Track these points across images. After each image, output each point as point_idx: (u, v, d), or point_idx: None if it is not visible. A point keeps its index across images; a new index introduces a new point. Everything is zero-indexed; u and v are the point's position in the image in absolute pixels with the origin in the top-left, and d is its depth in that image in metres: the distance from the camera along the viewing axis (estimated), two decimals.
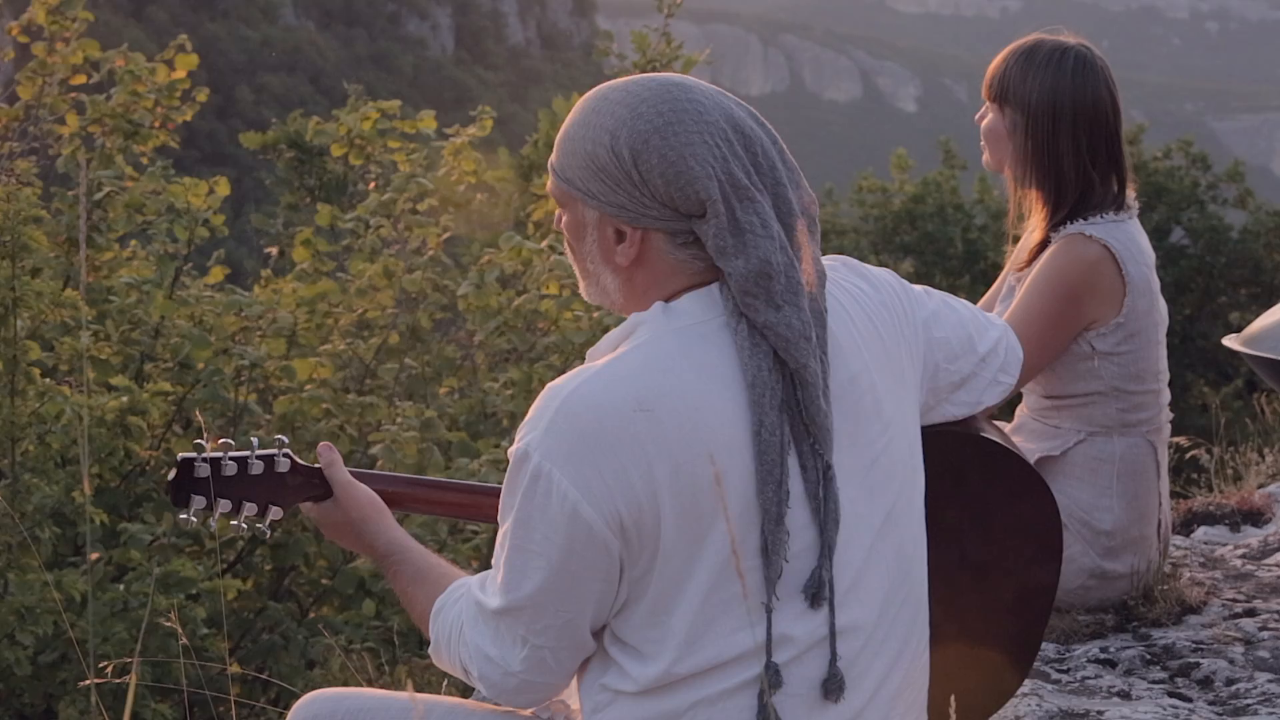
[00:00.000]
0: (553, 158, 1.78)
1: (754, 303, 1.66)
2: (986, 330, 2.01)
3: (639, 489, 1.64)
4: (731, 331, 1.68)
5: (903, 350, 1.83)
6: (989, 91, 3.12)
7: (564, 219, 1.79)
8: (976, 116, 3.18)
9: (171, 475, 2.06)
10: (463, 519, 2.25)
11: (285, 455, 2.08)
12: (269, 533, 2.12)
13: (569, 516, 1.65)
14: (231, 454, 2.06)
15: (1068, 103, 3.02)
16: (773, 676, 1.67)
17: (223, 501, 2.06)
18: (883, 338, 1.80)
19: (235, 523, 2.09)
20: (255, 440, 2.10)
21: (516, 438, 1.71)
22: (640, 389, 1.65)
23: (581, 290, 1.83)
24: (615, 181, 1.69)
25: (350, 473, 2.07)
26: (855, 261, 1.88)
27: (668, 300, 1.71)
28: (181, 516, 2.07)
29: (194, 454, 2.05)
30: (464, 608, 1.81)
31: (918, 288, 1.95)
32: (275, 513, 2.08)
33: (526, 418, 1.71)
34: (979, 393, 1.99)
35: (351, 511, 2.03)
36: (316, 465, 2.08)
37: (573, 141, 1.73)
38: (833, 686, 1.71)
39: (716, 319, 1.69)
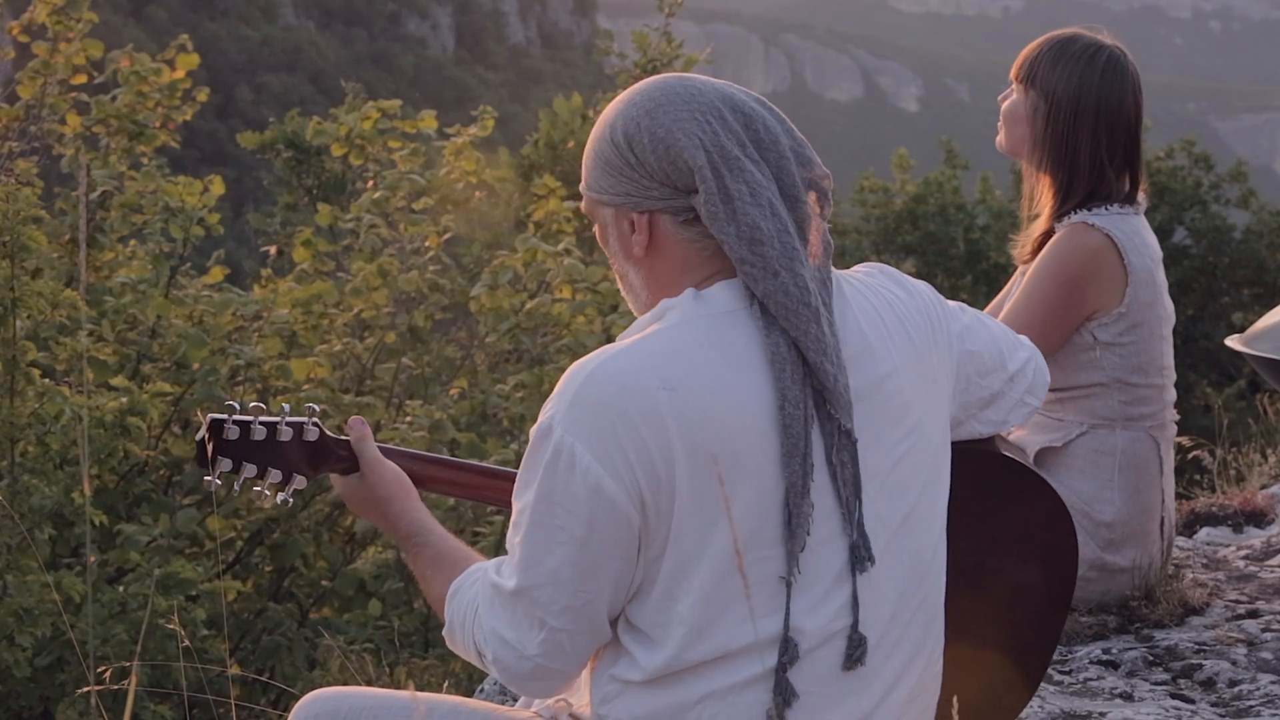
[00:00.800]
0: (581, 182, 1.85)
1: (751, 270, 1.68)
2: (1017, 350, 2.03)
3: (659, 464, 1.64)
4: (749, 313, 1.70)
5: (935, 358, 1.84)
6: (1018, 72, 3.14)
7: (597, 232, 1.84)
8: (1000, 97, 3.20)
9: (200, 435, 2.04)
10: (484, 502, 2.23)
11: (314, 424, 2.06)
12: (290, 500, 2.09)
13: (592, 490, 1.65)
14: (261, 419, 2.04)
15: (1092, 99, 3.04)
16: (792, 651, 1.67)
17: (248, 465, 2.03)
18: (915, 344, 1.81)
19: (258, 488, 2.07)
20: (286, 407, 2.09)
21: (540, 414, 1.71)
22: (665, 368, 1.66)
23: (630, 307, 1.85)
24: (618, 170, 1.74)
25: (379, 447, 2.07)
26: (893, 270, 1.90)
27: (700, 288, 1.74)
28: (206, 478, 2.05)
29: (224, 416, 2.04)
30: (480, 590, 1.79)
31: (953, 303, 1.97)
32: (299, 481, 2.06)
33: (552, 394, 1.72)
34: (1005, 412, 2.01)
35: (378, 489, 2.02)
36: (345, 437, 2.07)
37: (588, 148, 1.80)
38: (856, 652, 1.70)
39: (747, 308, 1.70)
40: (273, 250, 8.43)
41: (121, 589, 4.93)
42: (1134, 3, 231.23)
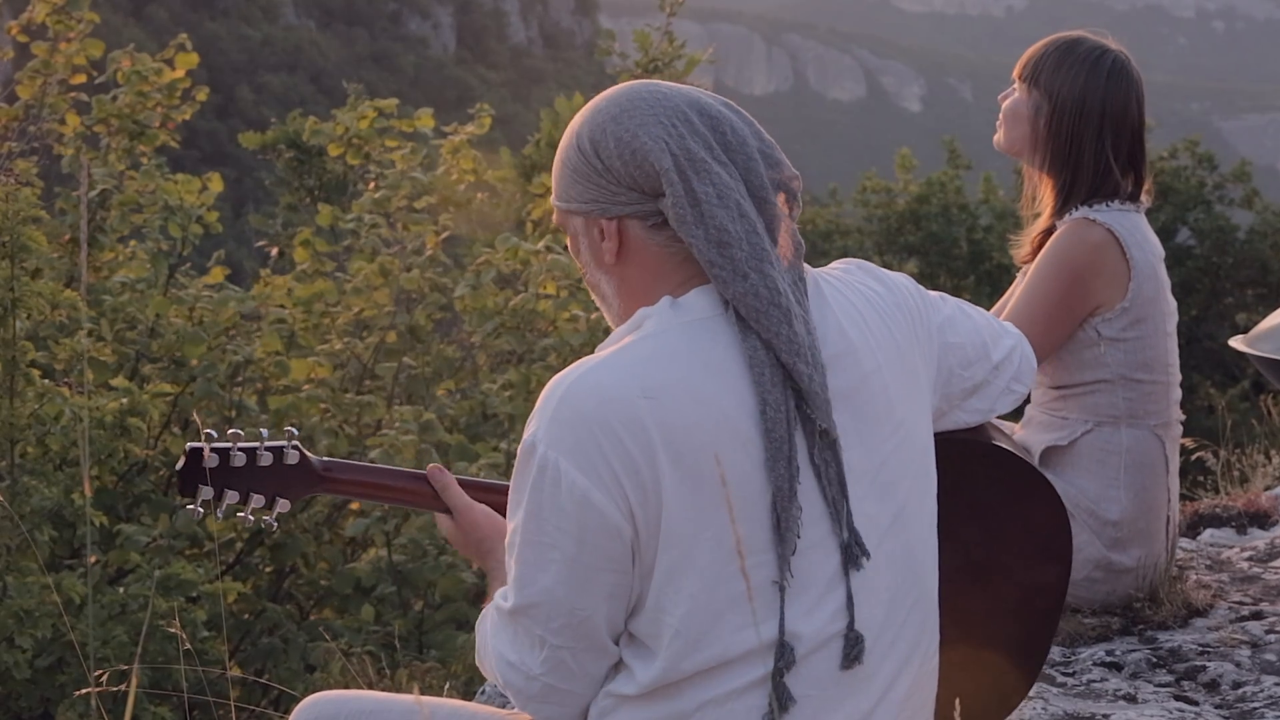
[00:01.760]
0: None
1: (720, 274, 1.67)
2: (1001, 338, 2.02)
3: (644, 473, 1.63)
4: (726, 318, 1.69)
5: (916, 352, 1.83)
6: (1021, 71, 3.13)
7: (568, 243, 1.83)
8: (1000, 96, 3.19)
9: (180, 465, 2.04)
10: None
11: (294, 448, 2.06)
12: (275, 525, 2.10)
13: (579, 504, 1.64)
14: (240, 445, 2.04)
15: (1096, 103, 3.04)
16: (788, 656, 1.66)
17: (230, 492, 2.03)
18: (896, 339, 1.80)
19: (242, 514, 2.07)
20: (265, 432, 2.09)
21: (525, 431, 1.70)
22: (645, 378, 1.65)
23: (607, 319, 1.84)
24: (585, 177, 1.73)
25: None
26: (871, 265, 1.89)
27: (676, 295, 1.72)
28: (188, 507, 2.05)
29: (202, 444, 2.03)
30: (491, 615, 1.80)
31: (934, 293, 1.96)
32: (283, 505, 2.06)
33: (534, 410, 1.70)
34: (991, 400, 2.00)
35: (469, 532, 2.03)
36: (325, 459, 2.08)
37: (556, 161, 1.80)
38: (852, 650, 1.69)
39: (724, 313, 1.70)
40: (273, 251, 8.41)
41: (122, 590, 4.92)
42: (1137, 2, 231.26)
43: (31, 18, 6.74)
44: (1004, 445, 2.05)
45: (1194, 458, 4.70)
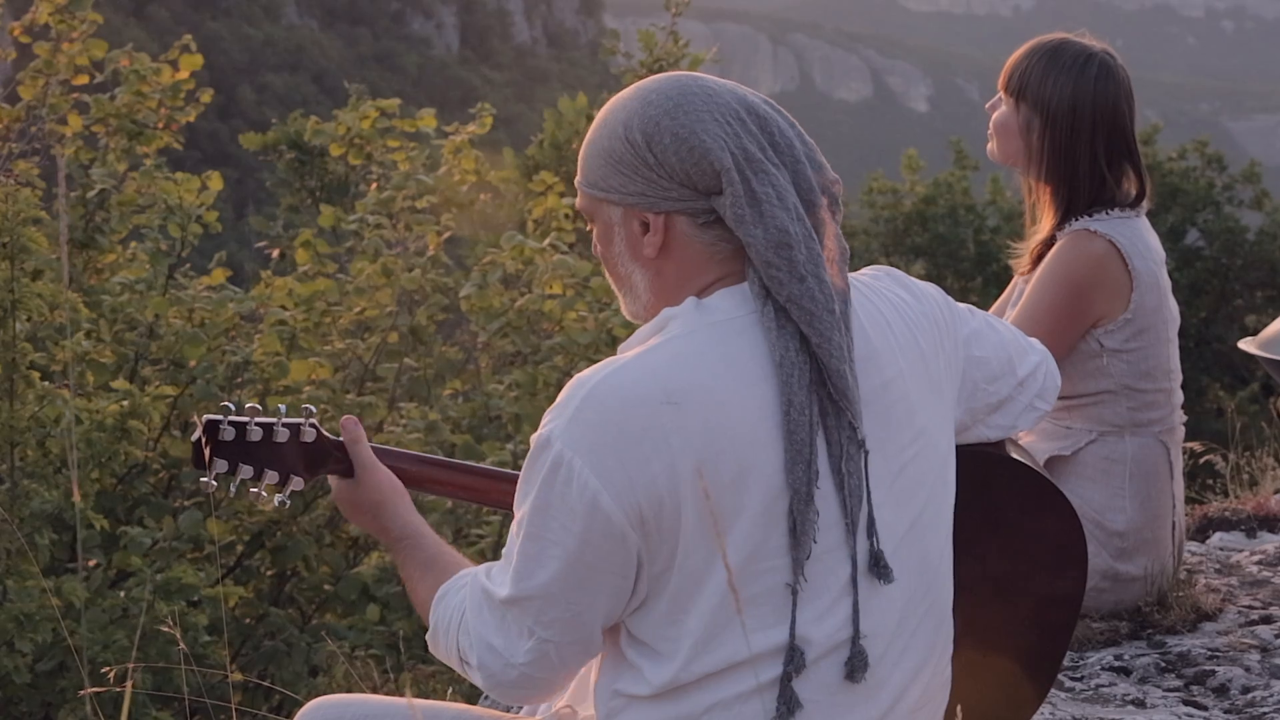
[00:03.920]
0: (577, 175, 1.81)
1: (777, 275, 1.66)
2: (1027, 354, 2.01)
3: (661, 482, 1.62)
4: (759, 317, 1.68)
5: (941, 362, 1.82)
6: (1006, 85, 3.09)
7: (595, 232, 1.80)
8: (988, 105, 3.15)
9: (194, 436, 2.01)
10: (480, 503, 2.21)
11: (311, 425, 2.04)
12: (288, 503, 2.07)
13: (589, 506, 1.63)
14: (257, 419, 2.02)
15: (1087, 110, 3.00)
16: (798, 660, 1.66)
17: (244, 467, 2.02)
18: (921, 348, 1.79)
19: (255, 490, 2.05)
20: (283, 408, 2.07)
21: (540, 424, 1.70)
22: (669, 382, 1.64)
23: (623, 309, 1.83)
24: (633, 169, 1.71)
25: (373, 449, 2.05)
26: (900, 273, 1.88)
27: (701, 296, 1.71)
28: (202, 479, 2.04)
29: (219, 416, 2.01)
30: (468, 595, 1.78)
31: (962, 306, 1.95)
32: (296, 483, 2.04)
33: (553, 405, 1.70)
34: (1014, 417, 1.99)
35: (370, 493, 2.00)
36: (341, 439, 2.05)
37: (591, 145, 1.77)
38: (856, 664, 1.68)
39: (750, 315, 1.69)
40: (274, 253, 8.40)
41: (122, 594, 4.90)
42: (1146, 2, 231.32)
43: (34, 18, 6.72)
44: (1019, 458, 2.03)
45: (1203, 461, 4.67)
